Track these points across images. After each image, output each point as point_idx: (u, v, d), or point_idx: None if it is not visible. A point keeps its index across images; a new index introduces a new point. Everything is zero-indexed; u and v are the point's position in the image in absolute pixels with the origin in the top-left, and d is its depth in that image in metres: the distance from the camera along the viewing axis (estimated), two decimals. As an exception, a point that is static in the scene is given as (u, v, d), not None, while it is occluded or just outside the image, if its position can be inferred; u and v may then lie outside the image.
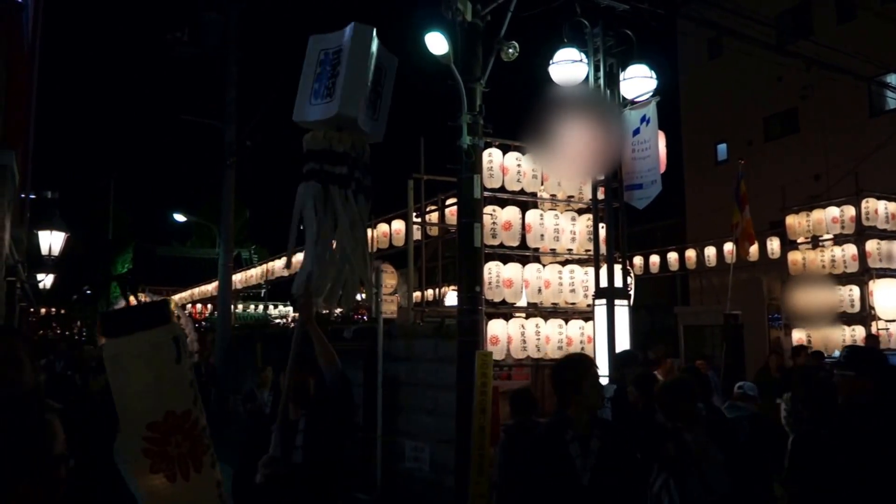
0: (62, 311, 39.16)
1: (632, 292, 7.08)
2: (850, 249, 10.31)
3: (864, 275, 10.14)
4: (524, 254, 7.34)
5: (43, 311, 32.95)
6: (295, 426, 2.82)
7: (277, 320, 23.68)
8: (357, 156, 2.86)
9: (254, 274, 19.54)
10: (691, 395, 3.55)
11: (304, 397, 2.88)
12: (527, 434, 4.47)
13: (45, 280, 14.98)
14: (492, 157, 7.12)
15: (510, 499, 4.68)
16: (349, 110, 2.80)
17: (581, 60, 6.63)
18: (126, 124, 56.43)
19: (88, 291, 34.86)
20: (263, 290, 27.17)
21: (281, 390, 2.85)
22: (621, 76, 6.76)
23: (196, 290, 23.55)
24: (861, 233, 10.25)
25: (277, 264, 16.44)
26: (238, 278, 19.22)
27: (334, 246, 2.81)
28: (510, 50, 6.76)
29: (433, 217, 9.27)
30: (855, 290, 10.16)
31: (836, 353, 8.37)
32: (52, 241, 11.36)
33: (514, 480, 4.40)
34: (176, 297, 22.90)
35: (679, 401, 3.47)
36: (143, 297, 16.42)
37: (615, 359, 6.06)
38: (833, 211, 10.61)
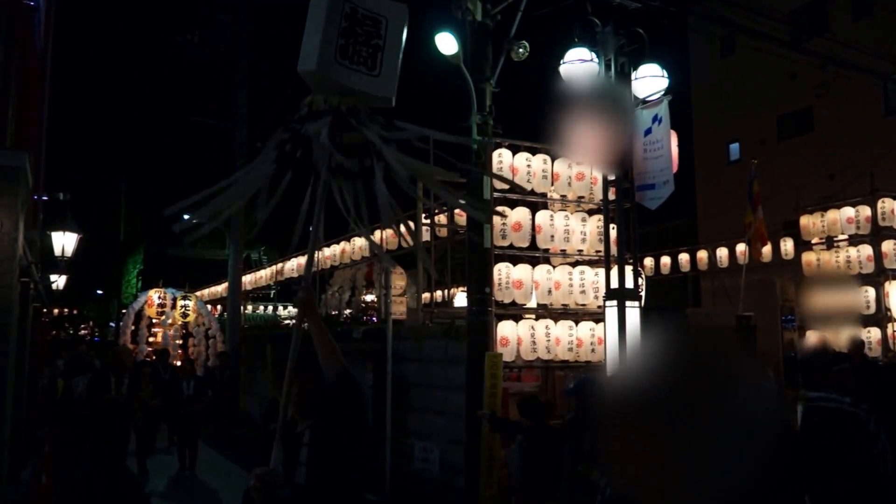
0: (74, 312, 39.55)
1: (643, 294, 7.00)
2: (866, 250, 10.17)
3: (879, 276, 9.99)
4: (534, 255, 7.29)
5: (56, 311, 33.25)
6: (300, 439, 2.51)
7: (287, 321, 23.78)
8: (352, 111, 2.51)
9: (263, 275, 19.65)
10: None
11: (308, 406, 2.55)
12: (552, 437, 4.49)
13: (59, 281, 15.11)
14: (501, 158, 7.08)
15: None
16: (307, 64, 2.54)
17: (592, 60, 6.58)
18: (137, 126, 56.95)
19: (100, 292, 35.16)
20: (273, 291, 27.22)
21: (279, 399, 2.52)
22: (633, 75, 6.69)
23: (206, 291, 23.68)
24: (877, 233, 10.11)
25: (287, 265, 16.52)
26: (248, 279, 19.28)
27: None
28: (520, 49, 6.73)
29: (442, 218, 9.24)
30: (870, 292, 10.02)
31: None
32: (64, 241, 11.44)
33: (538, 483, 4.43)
34: (206, 293, 22.98)
35: None
36: (161, 294, 16.49)
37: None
38: (848, 211, 10.47)
